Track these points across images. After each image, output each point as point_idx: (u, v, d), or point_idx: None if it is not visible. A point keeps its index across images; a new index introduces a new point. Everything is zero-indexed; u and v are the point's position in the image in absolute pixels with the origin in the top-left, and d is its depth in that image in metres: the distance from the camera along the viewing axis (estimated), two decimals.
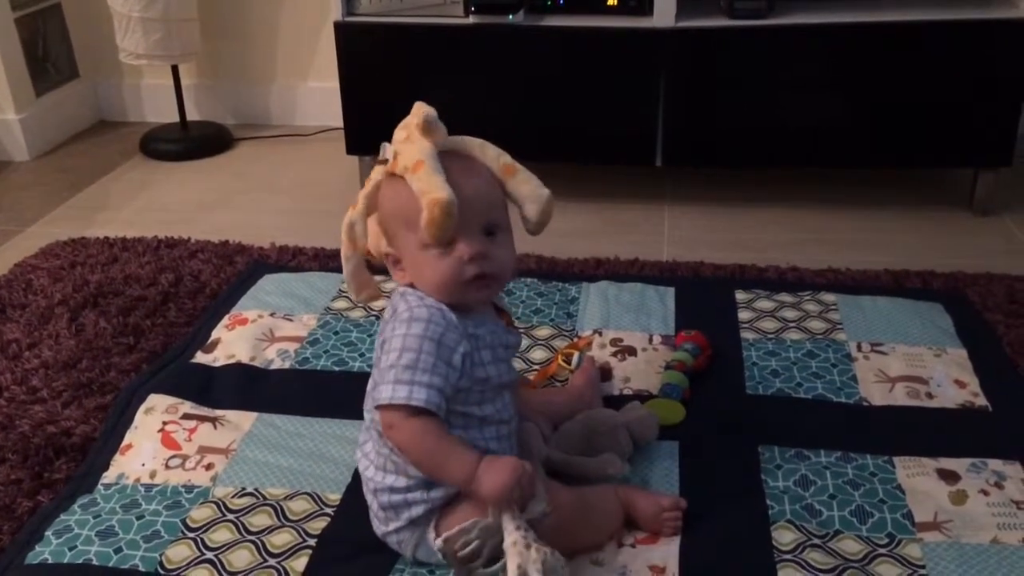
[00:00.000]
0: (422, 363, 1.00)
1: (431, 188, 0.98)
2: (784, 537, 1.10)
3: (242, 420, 1.34)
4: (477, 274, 1.02)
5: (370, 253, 1.12)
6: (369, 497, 1.11)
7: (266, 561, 1.09)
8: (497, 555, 1.00)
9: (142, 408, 1.36)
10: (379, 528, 1.10)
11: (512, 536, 0.98)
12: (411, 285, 1.07)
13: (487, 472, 0.99)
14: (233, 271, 1.80)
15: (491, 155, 1.07)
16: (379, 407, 1.02)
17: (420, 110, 1.03)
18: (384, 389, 1.00)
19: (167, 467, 1.25)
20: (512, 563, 0.97)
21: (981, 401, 1.35)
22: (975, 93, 1.93)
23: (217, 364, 1.48)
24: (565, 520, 1.06)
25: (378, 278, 1.18)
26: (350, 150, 2.15)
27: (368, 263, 1.14)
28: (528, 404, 1.22)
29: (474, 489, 0.99)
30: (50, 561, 1.10)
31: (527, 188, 1.07)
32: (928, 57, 1.91)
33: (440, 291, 1.04)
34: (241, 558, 1.09)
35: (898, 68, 1.92)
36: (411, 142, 1.03)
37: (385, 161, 1.06)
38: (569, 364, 1.43)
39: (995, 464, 1.21)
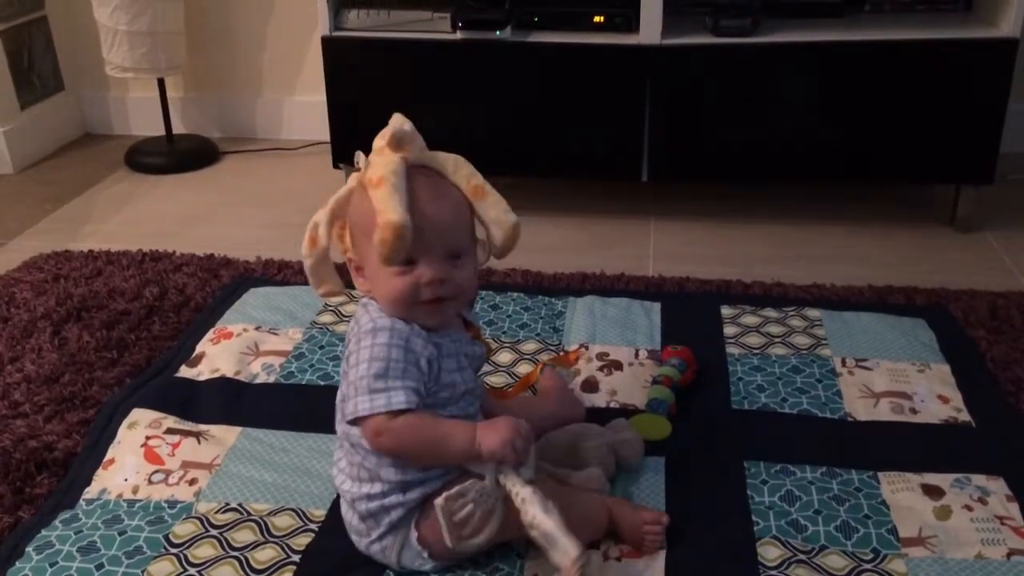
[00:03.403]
0: (392, 370, 1.01)
1: (386, 208, 0.97)
2: (769, 553, 1.10)
3: (226, 435, 1.33)
4: (433, 298, 1.03)
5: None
6: (347, 511, 1.11)
7: None
8: (482, 526, 1.01)
9: (125, 423, 1.35)
10: (361, 541, 1.10)
11: (521, 490, 0.99)
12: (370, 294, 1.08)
13: (486, 433, 1.00)
14: (218, 285, 1.80)
15: (463, 175, 1.07)
16: (360, 419, 1.02)
17: (394, 122, 1.04)
18: (361, 401, 1.01)
19: (150, 482, 1.24)
20: (533, 508, 0.98)
21: (964, 417, 1.36)
22: (957, 111, 1.95)
23: (201, 378, 1.47)
24: None
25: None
26: (336, 164, 2.14)
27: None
28: (510, 412, 1.22)
29: (477, 452, 1.00)
30: None
31: (494, 212, 1.07)
32: (911, 75, 1.93)
33: (393, 307, 1.04)
34: (224, 574, 1.08)
35: (881, 86, 1.94)
36: (381, 154, 1.03)
37: (359, 170, 1.06)
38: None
39: (979, 479, 1.22)
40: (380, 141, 1.06)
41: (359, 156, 1.06)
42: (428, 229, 1.01)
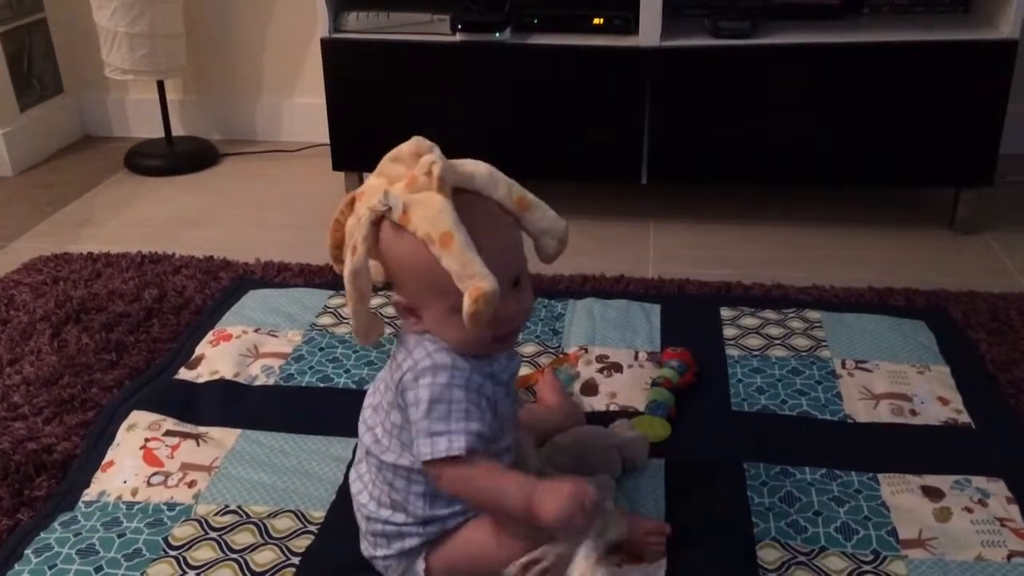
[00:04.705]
0: (455, 412, 0.96)
1: (472, 273, 0.89)
2: (769, 555, 1.10)
3: (225, 437, 1.33)
4: (508, 332, 1.00)
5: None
6: (360, 518, 1.10)
7: None
8: None
9: (124, 425, 1.35)
10: (367, 551, 1.09)
11: (580, 567, 0.96)
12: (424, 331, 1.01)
13: (544, 500, 0.93)
14: (217, 287, 1.80)
15: (503, 189, 0.99)
16: (424, 463, 0.98)
17: (430, 158, 0.93)
18: (422, 445, 0.96)
19: (149, 484, 1.24)
20: None
21: (964, 418, 1.36)
22: (957, 113, 1.95)
23: (200, 380, 1.47)
24: None
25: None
26: (336, 167, 2.14)
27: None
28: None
29: (533, 518, 0.94)
30: None
31: (546, 223, 1.01)
32: (910, 77, 1.93)
33: (465, 349, 0.99)
34: None
35: (881, 88, 1.94)
36: (424, 205, 0.92)
37: (387, 208, 0.94)
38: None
39: (979, 481, 1.22)
40: (397, 166, 0.97)
41: (389, 196, 0.94)
42: (494, 266, 0.91)
